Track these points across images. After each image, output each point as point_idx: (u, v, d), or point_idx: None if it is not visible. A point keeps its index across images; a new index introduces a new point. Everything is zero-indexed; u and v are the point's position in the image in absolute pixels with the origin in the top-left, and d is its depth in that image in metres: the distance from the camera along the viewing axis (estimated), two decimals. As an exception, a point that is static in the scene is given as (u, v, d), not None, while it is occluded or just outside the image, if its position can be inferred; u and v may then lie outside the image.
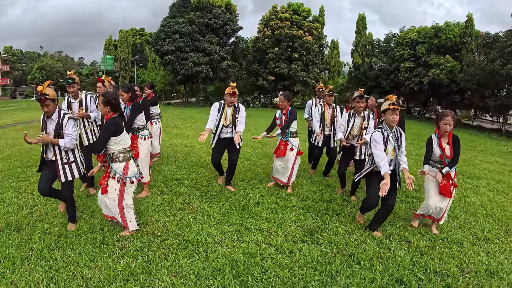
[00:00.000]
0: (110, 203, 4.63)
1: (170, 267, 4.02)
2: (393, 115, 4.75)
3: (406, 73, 29.07)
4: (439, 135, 5.17)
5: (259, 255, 4.36)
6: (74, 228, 4.92)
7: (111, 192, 4.60)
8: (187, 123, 18.02)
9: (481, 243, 5.09)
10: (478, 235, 5.33)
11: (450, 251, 4.76)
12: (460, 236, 5.23)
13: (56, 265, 4.00)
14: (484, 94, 24.16)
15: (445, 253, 4.68)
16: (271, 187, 7.03)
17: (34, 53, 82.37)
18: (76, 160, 4.82)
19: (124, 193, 4.64)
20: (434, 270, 4.25)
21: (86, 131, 6.17)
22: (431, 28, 29.04)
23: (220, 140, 6.68)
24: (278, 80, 33.69)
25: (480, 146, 15.53)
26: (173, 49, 31.04)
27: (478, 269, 4.31)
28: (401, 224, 5.51)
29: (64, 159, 4.70)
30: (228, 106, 6.55)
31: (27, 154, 9.50)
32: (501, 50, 21.36)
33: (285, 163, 6.80)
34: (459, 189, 7.76)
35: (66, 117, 4.58)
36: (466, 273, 4.23)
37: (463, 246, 4.94)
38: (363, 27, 37.06)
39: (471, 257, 4.61)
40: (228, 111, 6.55)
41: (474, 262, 4.47)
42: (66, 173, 4.74)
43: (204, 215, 5.54)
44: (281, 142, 6.79)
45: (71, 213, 5.01)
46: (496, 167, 10.93)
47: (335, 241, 4.85)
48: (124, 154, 4.62)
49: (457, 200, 6.85)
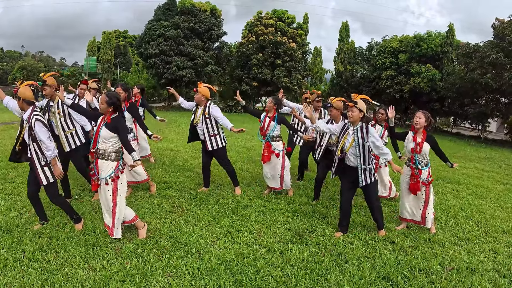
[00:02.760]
0: (105, 203, 4.61)
1: (165, 268, 4.07)
2: (349, 111, 5.11)
3: (387, 81, 29.45)
4: (415, 131, 5.50)
5: (251, 256, 4.45)
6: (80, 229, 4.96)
7: (105, 192, 4.55)
8: (171, 127, 17.97)
9: (462, 243, 5.28)
10: (459, 235, 5.53)
11: (433, 250, 4.95)
12: (442, 237, 5.41)
13: (49, 267, 4.00)
14: (463, 102, 24.62)
15: (428, 252, 4.86)
16: (258, 191, 7.13)
17: (16, 53, 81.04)
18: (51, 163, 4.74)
19: (118, 193, 4.58)
20: (419, 268, 4.41)
21: (67, 135, 5.84)
22: (413, 38, 29.55)
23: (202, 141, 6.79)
24: (261, 86, 33.77)
25: (460, 153, 15.90)
26: (157, 52, 30.90)
27: (460, 266, 4.50)
28: (386, 226, 5.64)
29: (41, 161, 4.64)
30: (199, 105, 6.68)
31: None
32: (481, 60, 21.80)
33: (273, 168, 6.84)
34: (440, 193, 8.01)
35: (34, 119, 4.52)
36: (449, 270, 4.41)
37: (445, 246, 5.12)
38: (346, 35, 37.43)
39: (453, 256, 4.80)
40: (198, 110, 6.67)
41: (456, 261, 4.66)
42: (45, 175, 4.68)
43: (195, 218, 5.61)
44: (265, 147, 6.79)
45: (70, 214, 5.02)
46: (475, 172, 11.23)
47: (323, 242, 4.99)
48: (116, 153, 4.59)
49: (438, 204, 7.03)
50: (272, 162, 6.79)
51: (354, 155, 5.11)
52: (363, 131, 5.03)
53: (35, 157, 4.61)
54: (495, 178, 10.54)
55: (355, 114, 5.03)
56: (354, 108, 5.02)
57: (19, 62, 64.78)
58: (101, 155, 4.54)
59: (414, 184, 5.45)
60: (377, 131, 6.54)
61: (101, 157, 4.54)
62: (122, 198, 4.62)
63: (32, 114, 4.55)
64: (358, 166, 5.11)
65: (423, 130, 5.46)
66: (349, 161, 5.19)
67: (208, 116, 6.55)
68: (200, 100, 6.58)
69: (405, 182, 5.64)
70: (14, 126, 16.05)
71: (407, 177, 5.57)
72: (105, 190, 4.54)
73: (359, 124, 5.08)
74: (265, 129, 6.76)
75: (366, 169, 5.11)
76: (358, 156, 5.07)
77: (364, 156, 5.05)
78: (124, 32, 69.56)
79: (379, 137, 5.10)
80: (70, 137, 5.87)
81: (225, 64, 36.56)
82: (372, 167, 5.17)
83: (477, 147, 19.66)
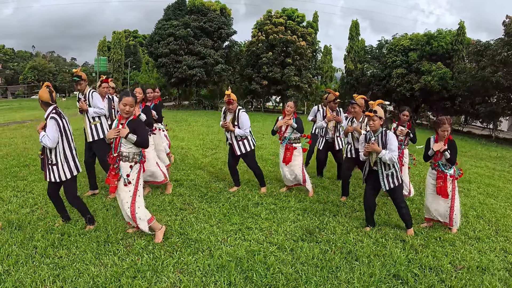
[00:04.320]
0: (123, 205, 4.52)
1: (175, 264, 4.08)
2: (370, 121, 5.10)
3: (398, 80, 29.34)
4: (436, 139, 5.39)
5: (262, 253, 4.44)
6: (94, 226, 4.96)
7: (124, 193, 4.50)
8: (181, 125, 18.05)
9: (472, 242, 5.21)
10: (470, 234, 5.47)
11: (443, 249, 4.88)
12: (452, 235, 5.34)
13: (61, 263, 4.02)
14: (474, 101, 24.49)
15: (439, 251, 4.81)
16: (269, 189, 7.14)
17: (26, 53, 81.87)
18: (57, 164, 4.64)
19: (136, 195, 4.53)
20: (429, 266, 4.37)
21: (91, 127, 6.12)
22: (423, 36, 29.41)
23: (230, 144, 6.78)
24: (271, 85, 33.75)
25: (471, 152, 15.78)
26: (167, 51, 31.02)
27: (470, 265, 4.44)
28: (396, 225, 5.62)
29: (48, 159, 4.63)
30: (229, 112, 6.63)
31: (23, 153, 9.53)
32: (491, 58, 21.68)
33: (293, 170, 6.81)
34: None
35: (49, 117, 4.54)
36: (459, 269, 4.35)
37: (455, 244, 5.06)
38: (356, 33, 37.40)
39: (463, 254, 4.73)
40: (228, 118, 6.63)
41: (466, 259, 4.59)
42: (50, 174, 4.66)
43: (205, 215, 5.62)
44: (285, 149, 6.74)
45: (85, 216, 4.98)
46: (486, 171, 11.14)
47: (334, 240, 4.97)
48: (139, 155, 4.56)
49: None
50: (292, 163, 6.77)
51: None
52: (383, 138, 5.04)
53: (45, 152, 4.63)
54: (506, 177, 10.45)
55: (376, 123, 5.04)
56: (375, 117, 5.02)
57: (30, 62, 65.55)
58: (124, 158, 4.48)
59: (441, 187, 5.38)
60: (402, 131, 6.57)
61: (124, 160, 4.48)
62: (140, 199, 4.60)
63: (50, 113, 4.57)
64: (379, 170, 5.13)
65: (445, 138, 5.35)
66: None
67: (237, 123, 6.55)
68: (234, 109, 6.57)
69: (430, 184, 5.58)
70: (26, 125, 16.25)
71: (432, 179, 5.53)
72: (125, 191, 4.49)
73: (380, 131, 5.09)
74: (283, 131, 6.76)
75: (388, 174, 5.11)
76: (379, 162, 5.08)
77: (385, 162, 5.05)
78: (134, 31, 70.09)
79: (396, 147, 5.07)
80: (94, 129, 6.14)
81: (235, 63, 36.64)
82: (394, 171, 5.13)
83: (489, 146, 19.49)
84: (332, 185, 7.70)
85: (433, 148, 5.31)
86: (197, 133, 15.30)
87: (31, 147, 10.38)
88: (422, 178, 8.52)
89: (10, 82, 68.53)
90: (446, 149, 5.22)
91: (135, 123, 4.50)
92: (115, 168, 4.49)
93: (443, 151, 5.23)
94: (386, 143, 5.01)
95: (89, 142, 6.20)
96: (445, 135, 5.25)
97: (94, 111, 6.07)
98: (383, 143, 5.02)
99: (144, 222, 4.56)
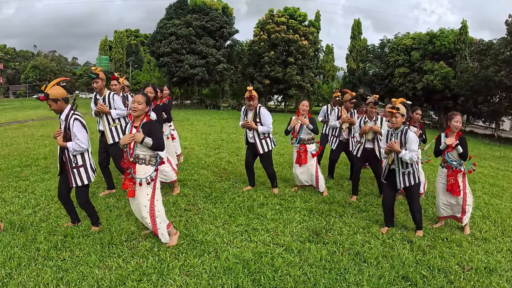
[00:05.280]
0: (141, 209, 4.35)
1: (181, 267, 4.01)
2: (392, 118, 5.02)
3: (400, 79, 29.32)
4: (447, 134, 5.36)
5: (269, 255, 4.38)
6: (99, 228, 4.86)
7: (142, 197, 4.33)
8: (184, 125, 18.01)
9: (479, 243, 5.17)
10: (476, 235, 5.42)
11: (451, 250, 4.85)
12: (459, 236, 5.30)
13: (64, 266, 3.94)
14: (477, 100, 24.44)
15: (446, 252, 4.77)
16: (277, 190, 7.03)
17: (28, 52, 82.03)
18: (85, 164, 4.56)
19: (155, 198, 4.40)
20: (437, 267, 4.33)
21: (111, 129, 6.08)
22: (425, 35, 29.34)
23: (248, 143, 6.70)
24: (273, 84, 33.74)
25: (474, 151, 15.70)
26: (169, 50, 31.02)
27: (478, 266, 4.40)
28: (402, 225, 5.57)
29: (73, 163, 4.48)
30: (249, 110, 6.51)
31: (25, 153, 9.46)
32: (494, 57, 21.63)
33: (306, 171, 6.77)
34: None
35: (72, 118, 4.38)
36: (467, 270, 4.32)
37: (462, 245, 5.01)
38: (358, 33, 37.35)
39: (471, 255, 4.69)
40: (249, 116, 6.50)
41: (473, 260, 4.55)
42: (75, 178, 4.51)
43: (210, 216, 5.55)
44: (300, 150, 6.66)
45: (92, 218, 4.88)
46: (490, 171, 11.07)
47: (341, 241, 4.91)
48: (156, 158, 4.43)
49: None
50: (305, 165, 6.72)
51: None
52: (403, 136, 4.98)
53: (67, 157, 4.47)
54: (510, 177, 10.36)
55: (398, 120, 4.99)
56: (398, 114, 4.97)
57: (32, 61, 65.63)
58: (141, 160, 4.32)
59: (452, 184, 5.34)
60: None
61: (140, 162, 4.32)
62: (159, 203, 4.45)
63: (71, 113, 4.43)
64: (396, 168, 5.08)
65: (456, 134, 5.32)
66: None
67: (259, 121, 6.43)
68: (255, 105, 6.46)
69: (441, 182, 5.52)
70: (28, 124, 16.21)
71: (443, 177, 5.48)
72: (143, 195, 4.33)
73: (401, 128, 5.05)
74: (296, 131, 6.68)
75: (405, 172, 5.05)
76: (396, 159, 5.04)
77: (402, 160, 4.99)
78: (135, 31, 70.12)
79: (416, 147, 5.02)
80: (115, 131, 6.13)
81: (237, 62, 36.66)
82: (413, 170, 5.06)
83: (492, 145, 19.43)
84: (337, 185, 7.63)
85: (446, 142, 5.25)
86: (200, 133, 15.26)
87: (33, 147, 10.33)
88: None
89: (11, 82, 68.70)
90: (458, 144, 5.18)
91: (150, 125, 4.33)
92: (129, 173, 4.33)
93: (455, 146, 5.18)
94: (406, 141, 4.95)
95: (109, 144, 6.11)
96: (457, 126, 5.24)
97: (117, 113, 6.04)
98: (402, 141, 4.97)
99: (164, 226, 4.46)
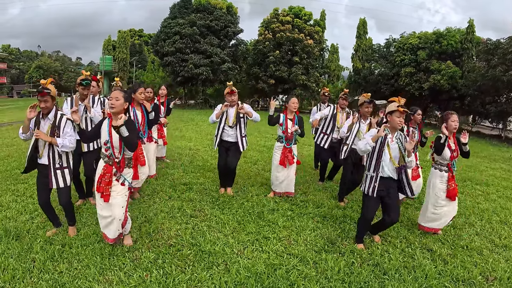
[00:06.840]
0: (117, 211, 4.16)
1: (188, 281, 3.71)
2: (400, 117, 4.46)
3: (406, 79, 28.96)
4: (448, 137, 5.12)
5: (283, 267, 4.08)
6: (74, 234, 4.63)
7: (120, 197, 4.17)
8: (189, 125, 17.75)
9: (499, 250, 5.01)
10: (496, 242, 5.27)
11: (472, 258, 4.68)
12: (479, 243, 5.15)
13: (61, 279, 3.67)
14: (484, 100, 24.16)
15: (467, 261, 4.59)
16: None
17: (32, 52, 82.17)
18: (69, 166, 4.49)
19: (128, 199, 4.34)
20: (461, 279, 4.14)
21: None
22: (432, 34, 28.98)
23: (223, 142, 6.46)
24: (278, 84, 33.46)
25: (483, 152, 15.49)
26: (173, 50, 30.79)
27: (501, 276, 4.23)
28: (421, 232, 5.37)
29: (57, 164, 4.35)
30: (231, 106, 6.30)
31: (25, 154, 9.13)
32: (502, 56, 21.46)
33: (287, 173, 6.46)
34: (470, 195, 7.74)
35: (64, 118, 4.32)
36: (491, 281, 4.16)
37: (483, 253, 4.85)
38: (364, 32, 37.07)
39: (493, 264, 4.54)
40: (231, 111, 6.31)
41: (496, 270, 4.38)
42: (57, 179, 4.37)
43: (218, 223, 5.24)
44: (286, 150, 6.34)
45: (72, 218, 4.72)
46: (502, 173, 10.89)
47: (358, 250, 4.64)
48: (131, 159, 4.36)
49: (471, 207, 6.84)
50: (292, 166, 6.46)
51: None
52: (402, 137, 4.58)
53: (51, 157, 4.31)
54: (523, 179, 10.11)
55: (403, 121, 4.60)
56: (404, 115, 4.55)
57: (36, 61, 65.82)
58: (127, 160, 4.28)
59: (452, 189, 5.16)
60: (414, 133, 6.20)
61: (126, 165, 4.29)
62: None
63: (59, 113, 4.34)
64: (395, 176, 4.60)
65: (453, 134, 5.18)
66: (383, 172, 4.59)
67: (242, 116, 6.30)
68: (236, 101, 6.29)
69: (441, 190, 5.20)
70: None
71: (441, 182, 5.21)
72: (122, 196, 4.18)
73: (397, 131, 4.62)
74: (289, 133, 6.33)
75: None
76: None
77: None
78: (139, 30, 70.18)
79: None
80: None
81: (242, 61, 36.48)
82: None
83: (500, 146, 19.28)
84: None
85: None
86: (205, 133, 14.96)
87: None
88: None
89: (15, 82, 68.97)
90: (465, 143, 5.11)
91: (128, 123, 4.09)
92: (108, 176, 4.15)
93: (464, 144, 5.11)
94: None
95: (83, 153, 5.60)
96: (455, 126, 5.08)
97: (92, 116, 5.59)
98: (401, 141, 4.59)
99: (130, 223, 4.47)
